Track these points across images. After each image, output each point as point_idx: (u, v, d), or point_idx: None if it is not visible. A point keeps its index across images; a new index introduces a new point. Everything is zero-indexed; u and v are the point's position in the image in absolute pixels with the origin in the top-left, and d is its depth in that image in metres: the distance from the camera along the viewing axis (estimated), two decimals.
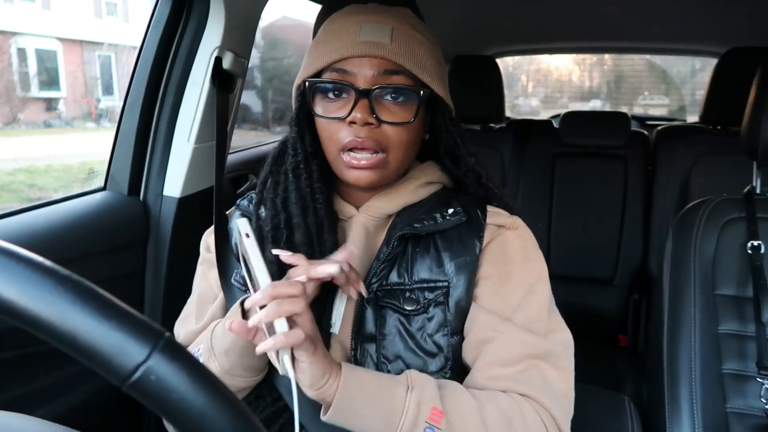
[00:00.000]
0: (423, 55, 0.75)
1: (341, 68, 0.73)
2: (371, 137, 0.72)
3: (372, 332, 0.76)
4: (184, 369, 0.31)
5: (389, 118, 0.73)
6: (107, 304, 0.31)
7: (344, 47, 0.73)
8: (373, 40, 0.73)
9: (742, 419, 1.09)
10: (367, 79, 0.73)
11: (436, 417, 0.65)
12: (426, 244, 0.78)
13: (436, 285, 0.76)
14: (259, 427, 0.33)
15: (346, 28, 0.75)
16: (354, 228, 0.79)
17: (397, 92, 0.74)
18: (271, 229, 0.78)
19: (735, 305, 1.15)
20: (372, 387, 0.66)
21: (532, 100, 8.28)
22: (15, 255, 0.31)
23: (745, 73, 1.42)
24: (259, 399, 0.79)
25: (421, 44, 0.76)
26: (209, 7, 1.21)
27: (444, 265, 0.77)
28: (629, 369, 1.83)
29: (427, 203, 0.81)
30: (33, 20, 3.84)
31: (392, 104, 0.74)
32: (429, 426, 0.64)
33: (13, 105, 3.93)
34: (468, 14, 2.14)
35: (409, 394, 0.66)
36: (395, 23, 0.75)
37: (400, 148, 0.75)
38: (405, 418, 0.65)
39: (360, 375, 0.67)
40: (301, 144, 0.79)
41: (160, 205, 1.26)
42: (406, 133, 0.75)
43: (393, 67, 0.73)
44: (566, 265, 2.14)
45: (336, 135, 0.74)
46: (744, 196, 1.20)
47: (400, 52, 0.73)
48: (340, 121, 0.74)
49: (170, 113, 1.25)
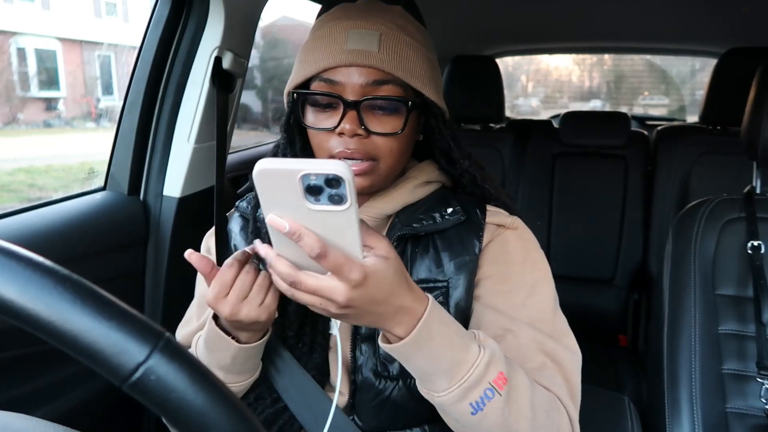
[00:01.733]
0: (413, 60, 0.74)
1: (329, 78, 0.72)
2: (360, 148, 0.71)
3: (370, 332, 0.76)
4: (184, 369, 0.31)
5: (378, 129, 0.72)
6: (107, 304, 0.31)
7: (331, 56, 0.72)
8: (360, 48, 0.71)
9: (742, 419, 1.09)
10: (355, 89, 0.71)
11: (500, 382, 0.62)
12: (425, 244, 0.78)
13: (436, 285, 0.76)
14: (258, 427, 0.33)
15: (332, 35, 0.73)
16: None
17: (385, 104, 0.72)
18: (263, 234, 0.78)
19: (735, 305, 1.15)
20: (452, 331, 0.62)
21: (532, 100, 8.29)
22: (15, 255, 0.31)
23: (745, 73, 1.42)
24: (259, 400, 0.80)
25: (411, 48, 0.74)
26: (209, 7, 1.21)
27: (443, 265, 0.76)
28: (629, 369, 1.83)
29: (425, 203, 0.81)
30: (32, 20, 3.83)
31: (381, 115, 0.73)
32: (491, 388, 0.61)
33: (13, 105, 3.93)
34: (468, 14, 2.14)
35: (481, 351, 0.62)
36: (384, 28, 0.73)
37: (391, 156, 0.74)
38: (473, 372, 0.61)
39: (443, 315, 0.63)
40: (291, 149, 0.79)
41: (160, 205, 1.26)
42: (396, 142, 0.73)
43: (382, 76, 0.71)
44: (566, 265, 2.14)
45: (326, 144, 0.73)
46: (744, 196, 1.20)
47: (389, 59, 0.72)
48: (329, 131, 0.73)
49: (170, 113, 1.25)
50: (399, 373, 0.75)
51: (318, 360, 0.78)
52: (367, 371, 0.76)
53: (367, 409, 0.76)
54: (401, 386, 0.75)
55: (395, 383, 0.75)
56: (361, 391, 0.77)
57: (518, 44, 2.84)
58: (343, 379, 0.77)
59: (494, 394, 0.61)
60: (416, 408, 0.75)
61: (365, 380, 0.76)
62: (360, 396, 0.77)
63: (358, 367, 0.76)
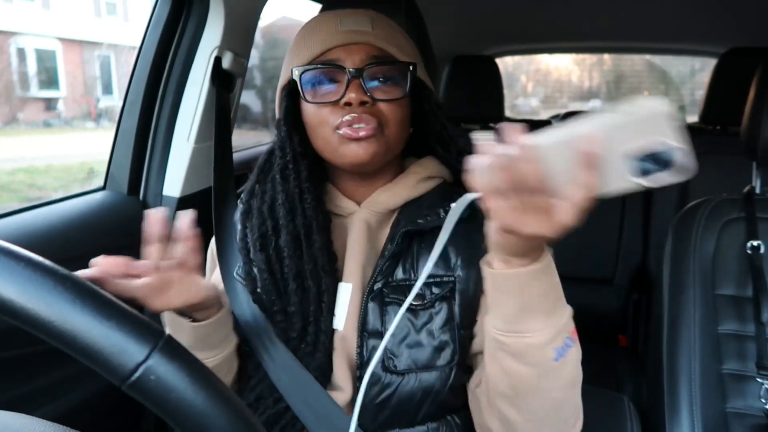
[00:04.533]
0: (403, 42, 0.79)
1: (328, 59, 0.75)
2: (368, 113, 0.74)
3: (377, 329, 0.76)
4: (183, 369, 0.31)
5: (383, 96, 0.75)
6: (107, 304, 0.31)
7: (328, 38, 0.75)
8: (355, 28, 0.75)
9: (742, 419, 1.09)
10: (355, 63, 0.74)
11: (574, 336, 0.64)
12: (430, 239, 0.78)
13: (443, 280, 0.76)
14: (258, 426, 0.33)
15: (325, 23, 0.77)
16: (355, 224, 0.80)
17: (387, 74, 0.75)
18: (259, 236, 0.79)
19: (735, 305, 1.15)
20: (557, 279, 0.63)
21: (531, 100, 8.29)
22: (15, 255, 0.31)
23: (745, 73, 1.42)
24: (260, 400, 0.79)
25: (400, 32, 0.80)
26: (209, 7, 1.21)
27: (450, 261, 0.77)
28: (629, 369, 1.83)
29: (428, 198, 0.82)
30: (32, 20, 3.83)
31: (383, 85, 0.75)
32: (569, 337, 0.63)
33: (13, 105, 3.93)
34: (468, 14, 2.14)
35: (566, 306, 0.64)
36: (373, 13, 0.78)
37: (396, 123, 0.76)
38: (563, 317, 0.63)
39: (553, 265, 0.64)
40: (290, 144, 0.80)
41: (159, 205, 1.26)
42: (399, 109, 0.76)
43: (378, 53, 0.75)
44: (566, 265, 2.12)
45: (329, 118, 0.75)
46: (744, 196, 1.20)
47: (383, 37, 0.76)
48: (332, 106, 0.75)
49: (170, 113, 1.25)
50: (405, 368, 0.75)
51: (321, 359, 0.78)
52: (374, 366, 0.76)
53: (372, 407, 0.76)
54: (406, 381, 0.75)
55: (401, 378, 0.75)
56: (366, 387, 0.77)
57: (518, 44, 2.84)
58: (347, 377, 0.77)
59: (572, 343, 0.63)
60: (419, 405, 0.75)
61: (371, 375, 0.76)
62: (365, 393, 0.77)
63: (365, 363, 0.76)
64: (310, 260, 0.76)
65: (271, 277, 0.77)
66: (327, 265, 0.77)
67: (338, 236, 0.81)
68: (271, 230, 0.78)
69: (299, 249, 0.77)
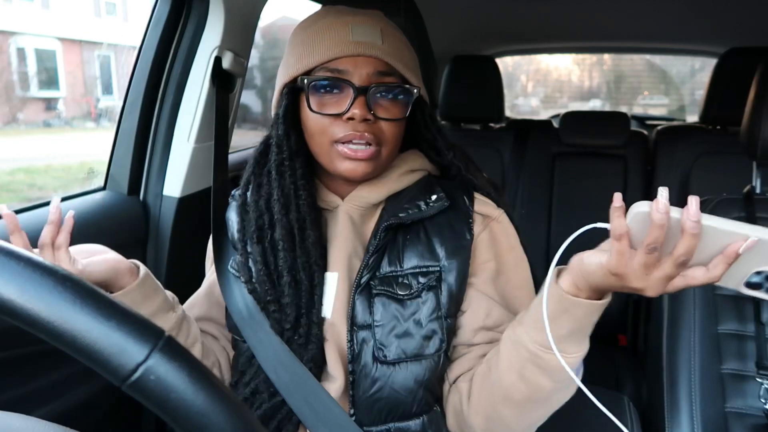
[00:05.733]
0: (408, 57, 0.80)
1: (335, 68, 0.76)
2: (369, 131, 0.75)
3: (366, 321, 0.77)
4: (183, 369, 0.31)
5: (385, 115, 0.77)
6: (107, 304, 0.31)
7: (338, 46, 0.76)
8: (366, 40, 0.76)
9: (742, 419, 1.09)
10: (362, 77, 0.75)
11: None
12: (415, 231, 0.81)
13: (429, 270, 0.78)
14: (257, 426, 0.33)
15: (335, 29, 0.77)
16: (339, 217, 0.82)
17: (392, 91, 0.77)
18: (256, 229, 0.80)
19: (734, 305, 1.15)
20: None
21: (531, 99, 8.28)
22: (14, 255, 0.31)
23: (745, 73, 1.42)
24: (256, 395, 0.80)
25: (405, 45, 0.81)
26: (209, 7, 1.21)
27: (435, 251, 0.79)
28: (629, 369, 1.82)
29: (410, 191, 0.84)
30: (32, 20, 3.83)
31: (387, 102, 0.77)
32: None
33: (13, 105, 3.92)
34: (468, 14, 2.14)
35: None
36: (382, 24, 0.79)
37: (393, 141, 0.79)
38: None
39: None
40: (287, 141, 0.80)
41: (159, 205, 1.26)
42: (397, 128, 0.79)
43: (385, 68, 0.77)
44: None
45: (329, 129, 0.77)
46: (744, 195, 1.20)
47: (391, 52, 0.77)
48: (335, 117, 0.76)
49: (170, 113, 1.25)
50: (395, 358, 0.76)
51: (314, 351, 0.78)
52: (365, 357, 0.77)
53: (366, 400, 0.77)
54: (397, 372, 0.76)
55: (392, 369, 0.76)
56: (359, 379, 0.77)
57: (518, 44, 2.84)
58: (339, 366, 0.78)
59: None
60: (413, 396, 0.76)
61: (363, 367, 0.77)
62: (358, 386, 0.77)
63: (356, 355, 0.77)
64: (303, 254, 0.78)
65: (265, 268, 0.78)
66: (319, 260, 0.79)
67: (323, 229, 0.83)
68: (267, 224, 0.80)
69: (293, 243, 0.78)
